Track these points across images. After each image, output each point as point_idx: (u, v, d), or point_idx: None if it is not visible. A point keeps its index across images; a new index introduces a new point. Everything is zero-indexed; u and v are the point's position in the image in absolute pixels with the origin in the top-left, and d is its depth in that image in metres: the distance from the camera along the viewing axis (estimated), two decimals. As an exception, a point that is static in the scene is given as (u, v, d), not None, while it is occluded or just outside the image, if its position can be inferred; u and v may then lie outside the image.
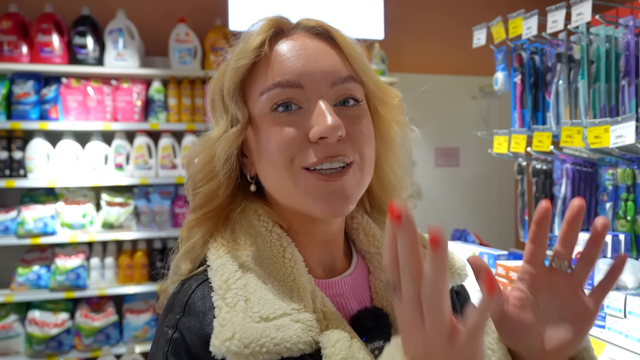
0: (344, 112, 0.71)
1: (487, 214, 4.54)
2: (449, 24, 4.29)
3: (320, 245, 0.78)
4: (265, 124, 0.71)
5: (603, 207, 1.68)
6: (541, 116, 1.77)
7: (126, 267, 3.33)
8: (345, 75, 0.72)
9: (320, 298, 0.71)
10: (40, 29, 3.16)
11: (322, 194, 0.69)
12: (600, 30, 1.53)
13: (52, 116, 3.21)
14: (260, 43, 0.71)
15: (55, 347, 3.15)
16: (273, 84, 0.70)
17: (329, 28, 0.74)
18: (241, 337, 0.62)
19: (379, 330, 0.74)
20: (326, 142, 0.68)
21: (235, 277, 0.69)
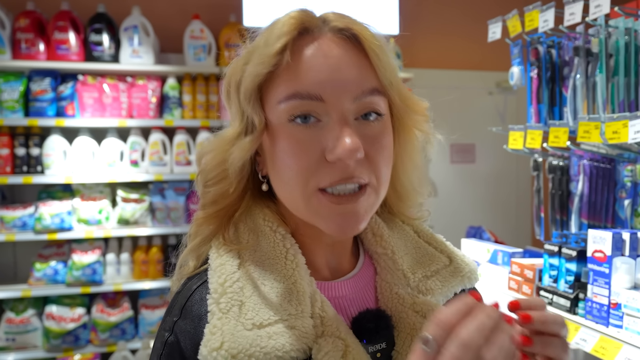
0: (365, 128, 0.68)
1: (503, 211, 4.49)
2: (464, 19, 4.24)
3: (328, 247, 0.77)
4: (282, 135, 0.68)
5: (621, 204, 1.64)
6: (558, 111, 1.74)
7: (141, 262, 3.35)
8: (369, 88, 0.67)
9: (320, 302, 0.70)
10: (56, 26, 3.19)
11: (334, 215, 0.67)
12: (619, 23, 1.49)
13: (69, 113, 3.25)
14: (281, 47, 0.66)
15: (72, 342, 3.19)
16: (292, 94, 0.66)
17: (358, 32, 0.68)
18: (229, 347, 0.61)
19: (380, 332, 0.73)
20: (343, 163, 0.65)
21: (233, 279, 0.68)
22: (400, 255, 0.80)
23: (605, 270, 1.36)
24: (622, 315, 1.31)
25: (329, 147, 0.65)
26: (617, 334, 1.31)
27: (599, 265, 1.37)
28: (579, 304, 1.45)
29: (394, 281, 0.78)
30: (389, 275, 0.78)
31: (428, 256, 0.82)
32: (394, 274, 0.78)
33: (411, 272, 0.79)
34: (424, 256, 0.82)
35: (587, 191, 1.71)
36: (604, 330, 1.34)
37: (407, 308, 0.75)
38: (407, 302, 0.75)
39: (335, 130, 0.65)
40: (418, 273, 0.79)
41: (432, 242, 0.85)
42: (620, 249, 1.35)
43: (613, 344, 1.29)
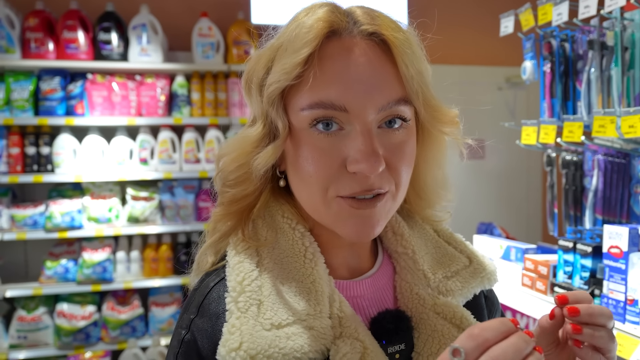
0: (388, 137, 0.66)
1: (514, 207, 4.47)
2: (473, 13, 4.22)
3: (346, 245, 0.76)
4: (304, 141, 0.66)
5: (637, 199, 1.62)
6: (571, 106, 1.72)
7: (151, 260, 3.36)
8: (395, 99, 0.65)
9: (339, 302, 0.69)
10: (65, 25, 3.20)
11: (352, 219, 0.67)
12: (635, 15, 1.47)
13: (78, 112, 3.26)
14: (309, 55, 0.63)
15: (83, 339, 3.21)
16: (316, 103, 0.64)
17: (389, 38, 0.66)
18: (248, 347, 0.61)
19: (399, 333, 0.72)
20: (364, 175, 0.64)
21: (252, 277, 0.67)
22: (421, 255, 0.79)
23: (621, 266, 1.34)
24: (639, 312, 1.29)
25: (350, 158, 0.64)
26: (634, 330, 1.30)
27: (615, 261, 1.36)
28: (594, 301, 1.44)
29: (414, 281, 0.77)
30: (409, 275, 0.77)
31: (448, 256, 0.81)
32: (415, 274, 0.77)
33: (432, 273, 0.78)
34: (444, 256, 0.81)
35: (601, 186, 1.69)
36: (621, 326, 1.33)
37: (428, 309, 0.74)
38: (428, 304, 0.74)
39: (358, 141, 0.64)
40: (438, 273, 0.78)
41: (452, 242, 0.84)
42: (637, 244, 1.33)
43: (630, 341, 1.27)
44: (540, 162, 4.47)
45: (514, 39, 1.94)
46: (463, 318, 0.73)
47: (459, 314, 0.74)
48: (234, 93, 3.43)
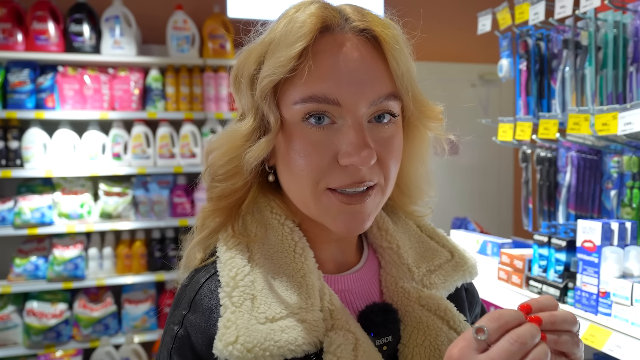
0: (378, 131, 0.68)
1: (486, 202, 4.55)
2: (448, 11, 4.27)
3: (334, 241, 0.77)
4: (296, 135, 0.67)
5: (608, 195, 1.67)
6: (546, 103, 1.76)
7: (124, 257, 3.31)
8: (385, 94, 0.67)
9: (329, 295, 0.70)
10: (35, 16, 3.11)
11: (342, 214, 0.68)
12: (608, 16, 1.51)
13: (49, 105, 3.18)
14: (302, 50, 0.64)
15: (54, 338, 3.14)
16: (309, 96, 0.65)
17: (380, 34, 0.68)
18: (244, 341, 0.61)
19: (387, 325, 0.73)
20: (355, 169, 0.66)
21: (244, 272, 0.68)
22: (405, 249, 0.81)
23: (594, 260, 1.38)
24: (610, 304, 1.33)
25: (342, 151, 0.65)
26: (606, 321, 1.33)
27: (588, 255, 1.40)
28: (568, 293, 1.48)
29: (399, 275, 0.78)
30: (394, 269, 0.79)
31: (431, 250, 0.83)
32: (399, 268, 0.79)
33: (416, 267, 0.80)
34: (427, 250, 0.83)
35: (574, 182, 1.74)
36: (593, 318, 1.37)
37: (413, 302, 0.76)
38: (413, 296, 0.76)
39: (350, 135, 0.65)
40: (422, 267, 0.80)
41: (435, 237, 0.86)
42: (609, 238, 1.38)
43: (602, 332, 1.31)
44: (512, 159, 4.56)
45: (488, 37, 1.97)
46: (447, 310, 0.76)
47: (443, 306, 0.76)
48: (210, 87, 3.40)
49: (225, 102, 3.44)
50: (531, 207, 1.93)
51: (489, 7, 1.88)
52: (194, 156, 3.39)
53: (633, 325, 1.26)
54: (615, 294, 1.32)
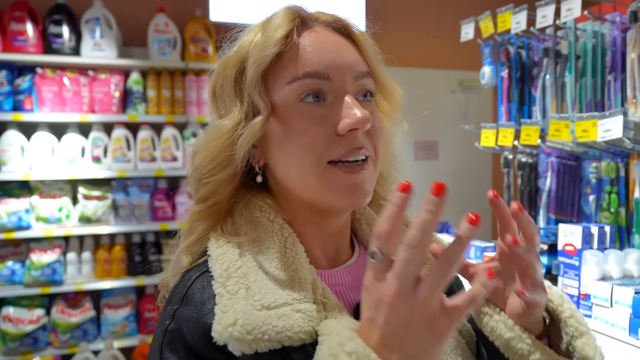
0: (364, 106, 0.71)
1: (465, 206, 4.60)
2: (429, 18, 4.33)
3: (327, 237, 0.78)
4: (292, 115, 0.70)
5: (586, 199, 1.72)
6: (527, 110, 1.80)
7: (104, 261, 3.27)
8: (364, 71, 0.73)
9: (321, 289, 0.71)
10: (13, 17, 3.06)
11: (346, 186, 0.70)
12: (587, 26, 1.55)
13: (27, 107, 3.12)
14: (287, 33, 0.70)
15: (31, 344, 3.08)
16: (303, 74, 0.69)
17: (346, 24, 0.76)
18: (243, 323, 0.61)
19: None
20: (353, 135, 0.69)
21: (236, 265, 0.68)
22: None
23: (575, 263, 1.42)
24: (591, 306, 1.37)
25: (341, 120, 0.69)
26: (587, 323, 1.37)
27: (569, 258, 1.44)
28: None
29: None
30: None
31: None
32: None
33: None
34: None
35: (554, 187, 1.78)
36: (574, 320, 1.40)
37: None
38: None
39: (345, 104, 0.70)
40: None
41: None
42: (589, 242, 1.42)
43: (583, 333, 1.34)
44: (490, 164, 4.63)
45: (467, 44, 2.01)
46: None
47: None
48: (192, 91, 3.39)
49: (207, 105, 3.42)
50: (512, 212, 1.97)
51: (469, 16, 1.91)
52: (175, 160, 3.36)
53: (613, 326, 1.30)
54: (595, 296, 1.36)
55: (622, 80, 1.47)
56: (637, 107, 1.37)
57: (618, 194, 1.58)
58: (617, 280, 1.39)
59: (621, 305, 1.29)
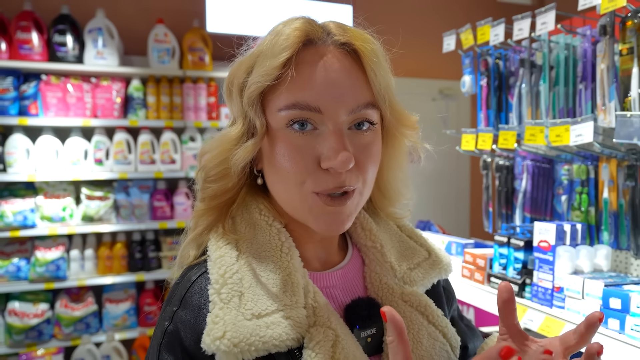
0: (357, 137, 0.68)
1: (445, 206, 4.64)
2: (411, 31, 4.35)
3: (318, 241, 0.77)
4: (281, 140, 0.68)
5: (559, 199, 1.74)
6: (504, 116, 1.81)
7: (106, 258, 3.23)
8: (364, 103, 0.68)
9: (313, 293, 0.70)
10: (19, 26, 3.02)
11: (324, 214, 0.68)
12: (560, 39, 1.57)
13: (32, 112, 3.08)
14: (286, 60, 0.66)
15: (35, 337, 3.04)
16: (293, 104, 0.66)
17: (359, 48, 0.69)
18: (231, 336, 0.61)
19: (371, 318, 0.73)
20: (336, 173, 0.66)
21: (233, 270, 0.67)
22: (388, 248, 0.81)
23: (549, 258, 1.43)
24: (564, 298, 1.38)
25: (324, 155, 0.66)
26: (560, 314, 1.38)
27: (543, 253, 1.45)
28: (526, 289, 1.53)
29: (382, 272, 0.79)
30: (377, 266, 0.79)
31: (410, 249, 0.84)
32: (383, 266, 0.79)
33: (397, 265, 0.80)
34: (407, 249, 0.84)
35: (529, 188, 1.80)
36: (549, 311, 1.41)
37: (397, 298, 0.76)
38: (397, 292, 0.77)
39: (330, 140, 0.65)
40: (403, 265, 0.81)
41: (413, 237, 0.87)
42: (563, 239, 1.43)
43: (557, 323, 1.36)
44: (468, 167, 4.67)
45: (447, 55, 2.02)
46: (427, 306, 0.77)
47: (423, 302, 0.77)
48: (189, 97, 3.37)
49: (204, 111, 3.41)
50: (491, 211, 1.99)
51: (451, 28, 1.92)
52: (173, 162, 3.34)
53: (584, 316, 1.31)
54: (568, 289, 1.37)
55: (592, 89, 1.49)
56: (606, 113, 1.39)
57: (588, 195, 1.60)
58: (588, 274, 1.40)
59: (592, 297, 1.30)
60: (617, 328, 1.21)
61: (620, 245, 1.48)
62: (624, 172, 1.45)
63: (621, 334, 1.20)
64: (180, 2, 3.64)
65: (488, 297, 1.60)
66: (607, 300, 1.25)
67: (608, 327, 1.24)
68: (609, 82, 1.38)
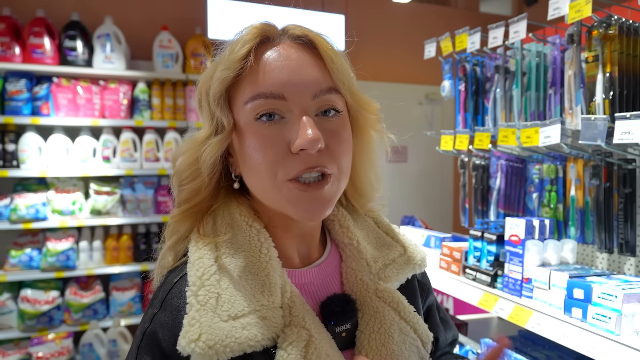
0: (325, 123, 0.66)
1: (430, 202, 4.63)
2: (399, 40, 4.33)
3: (298, 237, 0.74)
4: (250, 133, 0.66)
5: (530, 197, 1.73)
6: (481, 119, 1.80)
7: (113, 249, 3.22)
8: (326, 87, 0.66)
9: (290, 293, 0.67)
10: (32, 31, 3.00)
11: (302, 201, 0.65)
12: (532, 47, 1.56)
13: (44, 112, 3.07)
14: (245, 53, 0.65)
15: (46, 322, 3.03)
16: (257, 94, 0.64)
17: (314, 38, 0.68)
18: (207, 338, 0.58)
19: (346, 314, 0.71)
20: (306, 154, 0.63)
21: (210, 272, 0.64)
22: (364, 245, 0.79)
23: (519, 251, 1.42)
24: (532, 288, 1.38)
25: (292, 139, 0.63)
26: (528, 303, 1.37)
27: (514, 247, 1.44)
28: (497, 279, 1.52)
29: (358, 268, 0.76)
30: (354, 263, 0.77)
31: (386, 245, 0.82)
32: (359, 262, 0.77)
33: (373, 261, 0.78)
34: (383, 245, 0.82)
35: (503, 186, 1.79)
36: (518, 300, 1.41)
37: (371, 294, 0.74)
38: (371, 289, 0.75)
39: (297, 124, 0.63)
40: (379, 262, 0.78)
41: (390, 233, 0.85)
42: (532, 233, 1.42)
43: (525, 312, 1.35)
44: (452, 166, 4.66)
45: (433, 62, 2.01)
46: (399, 302, 0.75)
47: (396, 299, 0.75)
48: (192, 100, 3.35)
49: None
50: (467, 207, 1.98)
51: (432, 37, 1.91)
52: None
53: (550, 306, 1.31)
54: (536, 280, 1.36)
55: (561, 94, 1.48)
56: (573, 117, 1.38)
57: (557, 192, 1.59)
58: (554, 266, 1.39)
59: (557, 287, 1.30)
60: (580, 317, 1.21)
61: (586, 239, 1.48)
62: (590, 171, 1.44)
63: (584, 322, 1.20)
64: (184, 11, 3.62)
65: (463, 287, 1.60)
66: (571, 291, 1.24)
67: (572, 316, 1.23)
68: (575, 87, 1.37)
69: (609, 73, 1.26)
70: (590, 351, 1.13)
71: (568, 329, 1.20)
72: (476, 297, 1.52)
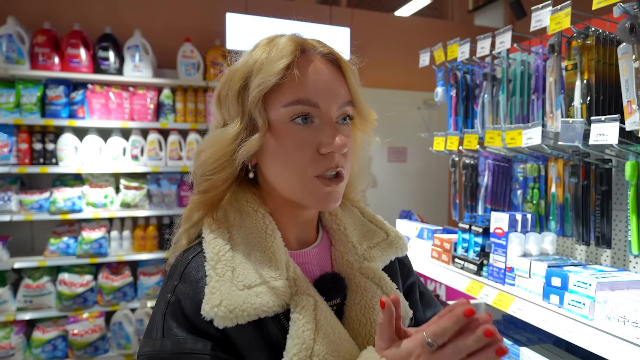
0: (342, 129, 0.70)
1: (427, 198, 4.61)
2: (400, 50, 4.31)
3: (299, 224, 0.77)
4: (284, 133, 0.68)
5: (515, 193, 1.71)
6: (470, 122, 1.79)
7: (140, 238, 3.26)
8: (347, 100, 0.71)
9: (293, 267, 0.70)
10: (69, 43, 3.04)
11: (322, 195, 0.70)
12: (517, 56, 1.54)
13: (80, 115, 3.11)
14: (287, 64, 0.67)
15: (81, 303, 3.07)
16: (296, 100, 0.68)
17: (338, 57, 0.73)
18: (227, 304, 0.61)
19: (336, 290, 0.74)
20: (332, 156, 0.68)
21: (225, 249, 0.67)
22: (350, 230, 0.82)
23: (503, 243, 1.41)
24: (514, 276, 1.37)
25: (323, 142, 0.67)
26: (510, 290, 1.37)
27: (498, 238, 1.43)
28: (483, 268, 1.51)
29: (345, 251, 0.79)
30: (341, 246, 0.80)
31: (371, 232, 0.84)
32: (346, 245, 0.80)
33: (359, 244, 0.81)
34: (368, 231, 0.84)
35: (490, 183, 1.78)
36: (501, 287, 1.40)
37: (355, 271, 0.77)
38: (355, 267, 0.77)
39: (327, 130, 0.68)
40: (364, 244, 0.81)
41: (374, 221, 0.87)
42: (514, 226, 1.41)
43: (508, 298, 1.34)
44: (447, 165, 4.63)
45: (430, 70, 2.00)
46: (381, 278, 0.77)
47: (378, 275, 0.77)
48: (211, 104, 3.37)
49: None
50: (458, 202, 1.97)
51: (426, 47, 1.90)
52: (197, 158, 3.35)
53: (530, 292, 1.30)
54: (518, 269, 1.35)
55: (543, 99, 1.46)
56: (554, 120, 1.36)
57: (539, 189, 1.57)
58: (535, 256, 1.38)
59: (537, 276, 1.29)
60: (557, 303, 1.20)
61: (565, 232, 1.46)
62: (569, 170, 1.42)
63: (560, 308, 1.19)
64: (205, 24, 3.64)
65: (452, 275, 1.59)
66: (550, 279, 1.23)
67: (550, 302, 1.22)
68: (556, 93, 1.35)
69: (586, 80, 1.25)
70: (566, 334, 1.12)
71: (546, 314, 1.19)
72: (464, 284, 1.51)
